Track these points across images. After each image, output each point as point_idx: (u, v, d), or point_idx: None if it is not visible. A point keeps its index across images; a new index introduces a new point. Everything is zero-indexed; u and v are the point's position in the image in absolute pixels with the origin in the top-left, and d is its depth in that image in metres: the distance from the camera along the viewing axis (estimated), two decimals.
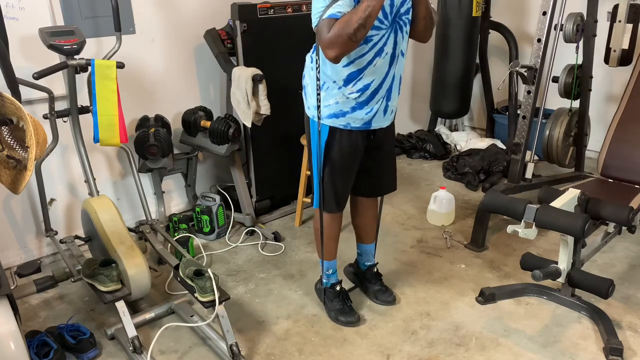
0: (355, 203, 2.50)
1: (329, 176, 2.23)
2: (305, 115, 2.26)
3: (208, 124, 3.05)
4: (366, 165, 2.31)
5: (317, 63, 2.07)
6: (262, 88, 2.91)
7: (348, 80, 2.07)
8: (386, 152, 2.37)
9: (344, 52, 1.93)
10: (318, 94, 2.11)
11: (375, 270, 2.61)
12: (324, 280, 2.48)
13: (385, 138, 2.30)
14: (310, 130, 2.23)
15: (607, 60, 3.19)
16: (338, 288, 2.47)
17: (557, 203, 2.29)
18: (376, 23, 1.97)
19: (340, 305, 2.44)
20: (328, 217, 2.34)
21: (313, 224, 2.48)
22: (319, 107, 2.13)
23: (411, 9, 2.08)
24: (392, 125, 2.32)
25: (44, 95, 2.50)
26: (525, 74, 2.94)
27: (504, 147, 4.20)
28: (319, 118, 2.15)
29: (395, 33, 2.06)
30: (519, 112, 3.12)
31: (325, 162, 2.21)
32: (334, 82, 2.09)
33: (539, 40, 2.93)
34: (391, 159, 2.44)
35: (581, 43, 3.20)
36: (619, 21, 3.06)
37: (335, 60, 1.94)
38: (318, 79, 2.10)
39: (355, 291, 2.65)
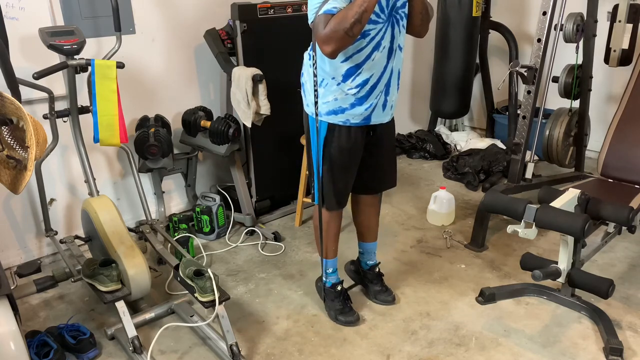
0: (356, 201, 2.49)
1: (329, 173, 2.23)
2: (304, 112, 2.26)
3: (208, 124, 3.05)
4: (366, 162, 2.30)
5: (314, 59, 2.07)
6: (262, 88, 2.91)
7: (347, 76, 2.08)
8: (386, 149, 2.36)
9: (341, 48, 1.93)
10: (315, 91, 2.11)
11: (378, 270, 2.61)
12: (325, 279, 2.47)
13: (385, 135, 2.30)
14: (310, 127, 2.23)
15: (607, 60, 3.19)
16: (339, 288, 2.46)
17: (557, 203, 2.28)
18: (373, 17, 1.98)
19: (340, 306, 2.44)
20: (328, 215, 2.33)
21: (313, 222, 2.47)
22: (316, 103, 2.13)
23: (407, 3, 2.08)
24: (392, 121, 2.32)
25: (44, 95, 2.50)
26: (525, 74, 2.94)
27: (504, 147, 4.20)
28: (317, 115, 2.15)
29: (392, 27, 2.07)
30: (519, 112, 3.12)
31: (324, 159, 2.20)
32: (333, 78, 2.10)
33: (539, 40, 2.93)
34: (391, 156, 2.44)
35: (581, 43, 3.20)
36: (619, 21, 3.06)
37: (332, 55, 1.95)
38: (315, 76, 2.10)
39: (355, 292, 2.64)
